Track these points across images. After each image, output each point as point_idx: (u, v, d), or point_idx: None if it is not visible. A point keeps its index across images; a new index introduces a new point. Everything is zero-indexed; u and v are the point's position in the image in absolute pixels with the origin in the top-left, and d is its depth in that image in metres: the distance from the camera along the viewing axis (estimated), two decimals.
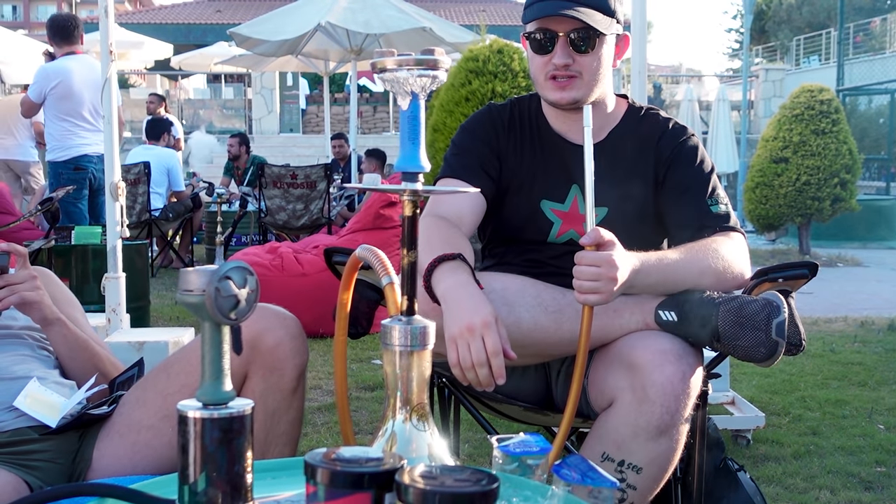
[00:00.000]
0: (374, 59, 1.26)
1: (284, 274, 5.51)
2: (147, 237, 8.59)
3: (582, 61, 2.00)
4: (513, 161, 2.14)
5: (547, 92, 2.05)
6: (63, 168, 6.47)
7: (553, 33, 1.99)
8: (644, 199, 2.10)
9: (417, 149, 1.25)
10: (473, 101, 6.15)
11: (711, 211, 2.03)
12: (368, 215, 5.56)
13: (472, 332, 1.67)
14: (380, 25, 9.74)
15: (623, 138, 2.13)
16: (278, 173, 8.51)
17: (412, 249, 1.26)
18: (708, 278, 1.89)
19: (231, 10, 30.30)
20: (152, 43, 15.89)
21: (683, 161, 2.09)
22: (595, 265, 1.71)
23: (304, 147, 18.63)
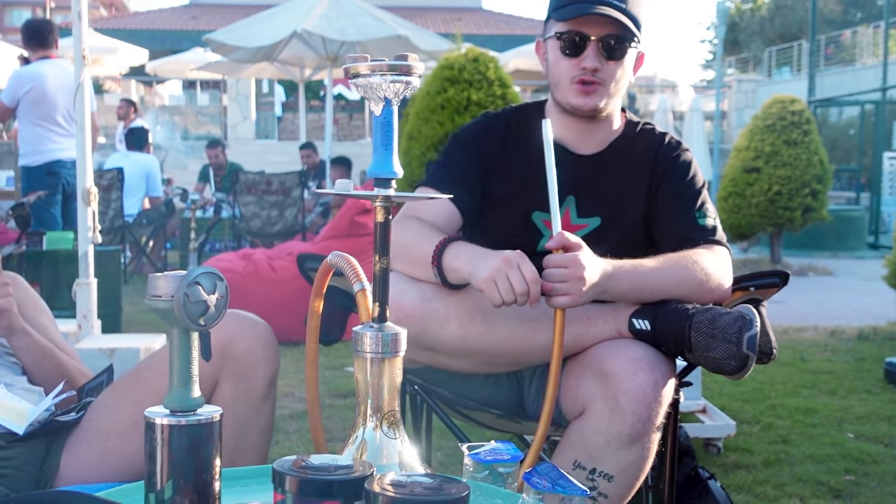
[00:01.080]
0: (348, 65, 1.25)
1: (258, 280, 5.48)
2: (120, 243, 8.52)
3: (609, 69, 2.01)
4: (504, 172, 2.12)
5: (570, 96, 2.04)
6: (36, 173, 6.41)
7: (586, 36, 1.99)
8: (637, 211, 2.10)
9: (390, 155, 1.25)
10: (449, 108, 6.16)
11: (698, 223, 2.03)
12: (343, 222, 5.55)
13: (509, 263, 1.71)
14: (356, 33, 9.74)
15: (620, 151, 2.13)
16: (253, 180, 8.48)
17: (384, 255, 1.25)
18: (684, 288, 1.89)
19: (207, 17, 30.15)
20: (127, 48, 15.81)
21: (676, 174, 2.10)
22: (562, 266, 1.72)
23: (280, 154, 18.58)
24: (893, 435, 3.87)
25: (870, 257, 11.65)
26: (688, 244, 1.98)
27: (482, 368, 1.99)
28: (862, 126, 16.01)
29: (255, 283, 5.45)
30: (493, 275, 1.71)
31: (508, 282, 1.70)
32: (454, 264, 1.81)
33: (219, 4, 32.26)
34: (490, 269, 1.72)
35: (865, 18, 32.04)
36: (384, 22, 10.07)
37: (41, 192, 5.73)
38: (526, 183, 2.11)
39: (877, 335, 6.22)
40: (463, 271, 1.79)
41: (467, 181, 2.09)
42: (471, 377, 2.04)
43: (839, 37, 27.67)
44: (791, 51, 28.47)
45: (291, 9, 10.48)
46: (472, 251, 1.81)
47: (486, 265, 1.73)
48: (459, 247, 1.84)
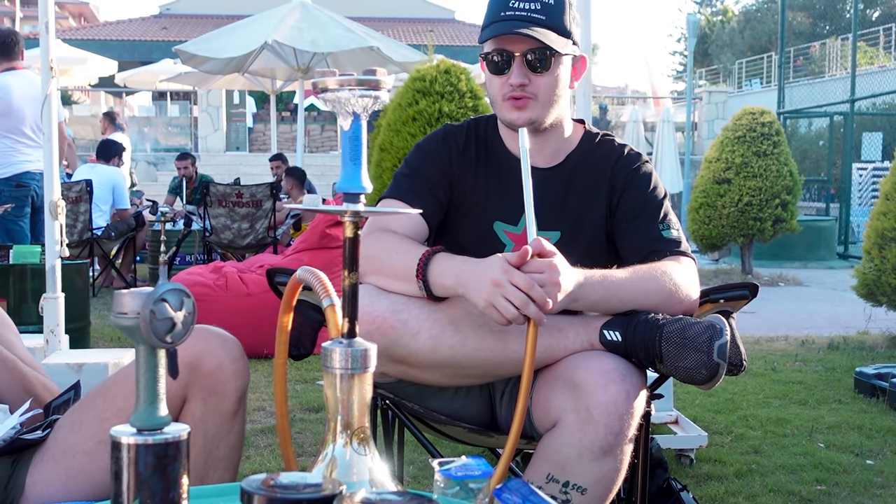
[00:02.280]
0: (316, 79, 1.25)
1: (229, 294, 5.45)
2: (88, 256, 8.45)
3: (538, 82, 2.01)
4: (466, 183, 2.13)
5: (504, 112, 2.05)
6: (4, 185, 6.35)
7: (509, 53, 2.00)
8: (597, 224, 2.11)
9: (359, 169, 1.24)
10: (420, 120, 6.16)
11: (663, 236, 2.04)
12: (314, 235, 5.53)
13: (500, 284, 1.71)
14: (327, 44, 9.73)
15: (578, 164, 2.14)
16: (223, 192, 8.44)
17: (353, 271, 1.25)
18: (654, 299, 1.90)
19: (177, 28, 30.08)
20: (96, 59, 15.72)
21: (637, 187, 2.10)
22: (538, 271, 1.73)
23: (251, 165, 18.52)
24: (863, 444, 3.90)
25: (839, 267, 11.77)
26: (654, 257, 1.99)
27: (453, 381, 1.98)
28: (831, 137, 16.18)
29: (225, 297, 5.42)
30: (489, 300, 1.72)
31: (506, 300, 1.70)
32: (443, 281, 1.82)
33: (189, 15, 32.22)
34: (485, 296, 1.72)
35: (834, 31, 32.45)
36: (355, 33, 10.07)
37: (7, 205, 5.67)
38: (487, 194, 2.12)
39: (846, 345, 6.28)
40: (455, 290, 1.81)
41: (432, 191, 2.11)
42: (442, 390, 2.04)
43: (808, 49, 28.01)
44: (761, 63, 28.77)
45: (262, 20, 10.45)
46: (458, 266, 1.82)
47: (480, 288, 1.73)
48: (444, 260, 1.85)
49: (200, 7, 32.54)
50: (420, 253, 1.87)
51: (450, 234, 2.13)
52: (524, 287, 1.70)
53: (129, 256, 9.29)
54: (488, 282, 1.73)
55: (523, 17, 1.97)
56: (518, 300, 1.70)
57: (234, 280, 5.53)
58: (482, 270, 1.75)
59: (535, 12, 1.97)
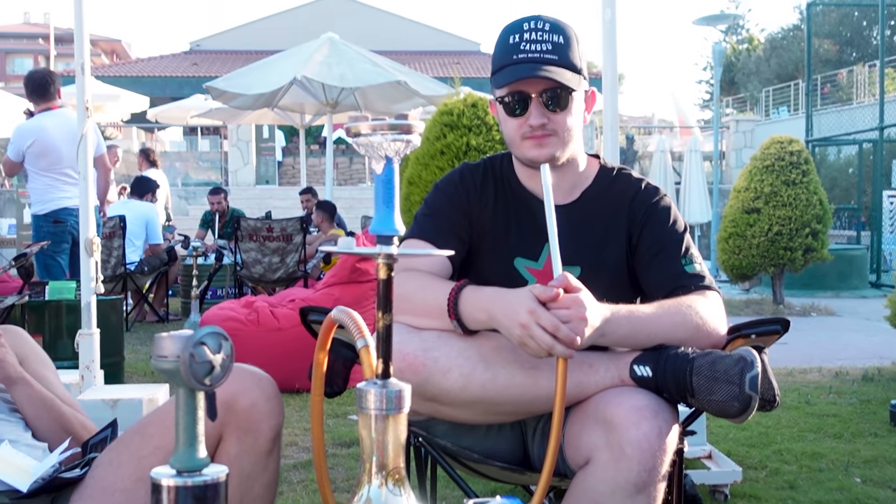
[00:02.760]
0: (349, 124, 1.27)
1: (260, 329, 5.48)
2: (122, 291, 8.54)
3: (556, 119, 2.03)
4: (485, 220, 2.16)
5: (525, 151, 2.07)
6: (43, 221, 6.49)
7: (526, 94, 2.02)
8: (617, 259, 2.12)
9: (392, 212, 1.26)
10: (448, 154, 6.21)
11: (686, 271, 2.05)
12: (344, 269, 5.56)
13: (527, 326, 1.73)
14: (355, 79, 9.82)
15: (596, 199, 2.16)
16: (254, 226, 8.51)
17: (387, 312, 1.26)
18: (681, 333, 1.90)
19: (207, 63, 30.46)
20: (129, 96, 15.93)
21: (656, 222, 2.11)
22: (564, 307, 1.74)
23: (281, 199, 18.65)
24: None
25: (872, 296, 11.64)
26: (678, 292, 1.99)
27: (485, 418, 1.99)
28: (860, 165, 16.07)
29: (257, 332, 5.45)
30: (520, 340, 1.75)
31: (535, 341, 1.73)
32: (477, 316, 1.85)
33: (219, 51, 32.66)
34: (516, 333, 1.76)
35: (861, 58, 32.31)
36: (383, 68, 10.16)
37: (44, 241, 5.76)
38: (506, 231, 2.14)
39: (881, 376, 6.20)
40: (489, 324, 1.83)
41: (454, 230, 2.13)
42: (474, 428, 2.05)
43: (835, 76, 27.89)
44: (788, 90, 28.68)
45: (291, 56, 10.57)
46: (489, 299, 1.83)
47: (511, 327, 1.76)
48: (473, 294, 1.87)
49: (230, 43, 33.00)
50: (448, 290, 1.89)
51: (472, 272, 2.15)
52: (551, 329, 1.71)
53: (161, 291, 9.37)
54: (517, 324, 1.75)
55: (536, 58, 1.99)
56: (544, 342, 1.71)
57: (265, 315, 5.56)
58: (511, 307, 1.77)
59: (548, 53, 1.99)
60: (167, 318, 9.23)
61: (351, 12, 32.10)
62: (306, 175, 14.49)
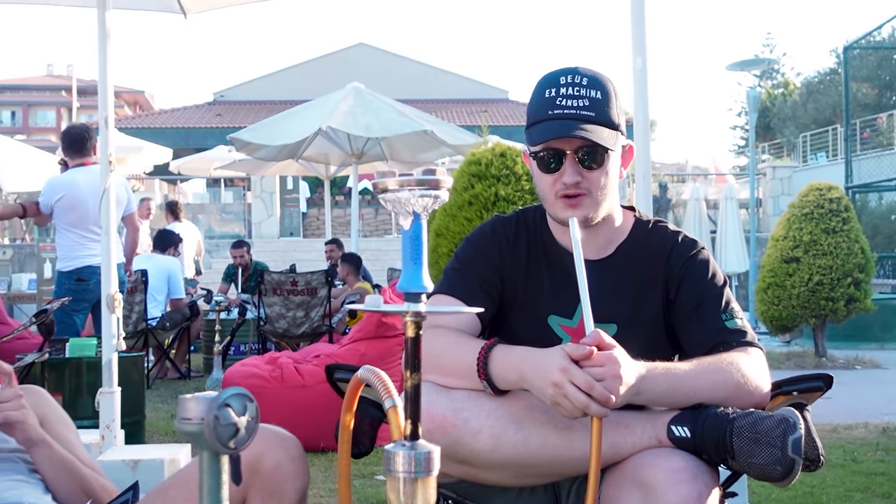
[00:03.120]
0: (375, 180, 1.29)
1: (284, 386, 5.48)
2: (143, 347, 8.59)
3: (591, 177, 2.03)
4: (518, 277, 2.16)
5: (557, 210, 2.07)
6: (66, 279, 6.56)
7: (561, 152, 2.03)
8: (654, 316, 2.11)
9: (420, 269, 1.27)
10: (476, 204, 6.23)
11: (727, 326, 2.03)
12: (370, 324, 5.57)
13: (560, 385, 1.73)
14: (381, 129, 9.91)
15: (631, 253, 2.15)
16: (278, 280, 8.55)
17: (416, 371, 1.26)
18: (722, 392, 1.88)
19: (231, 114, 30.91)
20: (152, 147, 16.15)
21: (695, 276, 2.10)
22: (598, 365, 1.73)
23: (306, 251, 18.75)
24: None
25: None
26: (719, 349, 1.98)
27: (517, 480, 1.97)
28: None
29: (281, 389, 5.46)
30: (552, 400, 1.75)
31: (569, 400, 1.72)
32: (507, 377, 1.85)
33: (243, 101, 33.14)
34: (548, 396, 1.76)
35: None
36: (408, 117, 10.25)
37: (65, 298, 5.82)
38: (539, 287, 2.14)
39: None
40: (520, 385, 1.83)
41: (484, 286, 2.13)
42: (506, 490, 2.03)
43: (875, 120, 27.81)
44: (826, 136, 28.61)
45: (316, 106, 10.70)
46: (520, 360, 1.83)
47: (542, 389, 1.76)
48: (504, 354, 1.87)
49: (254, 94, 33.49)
50: (477, 348, 1.89)
51: (504, 330, 2.15)
52: (584, 387, 1.71)
53: (183, 346, 9.41)
54: (549, 383, 1.74)
55: (572, 115, 1.99)
56: (579, 402, 1.71)
57: (289, 371, 5.57)
58: (543, 366, 1.77)
59: (584, 109, 2.00)
60: (189, 375, 9.26)
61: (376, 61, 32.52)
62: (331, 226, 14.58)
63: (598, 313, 1.98)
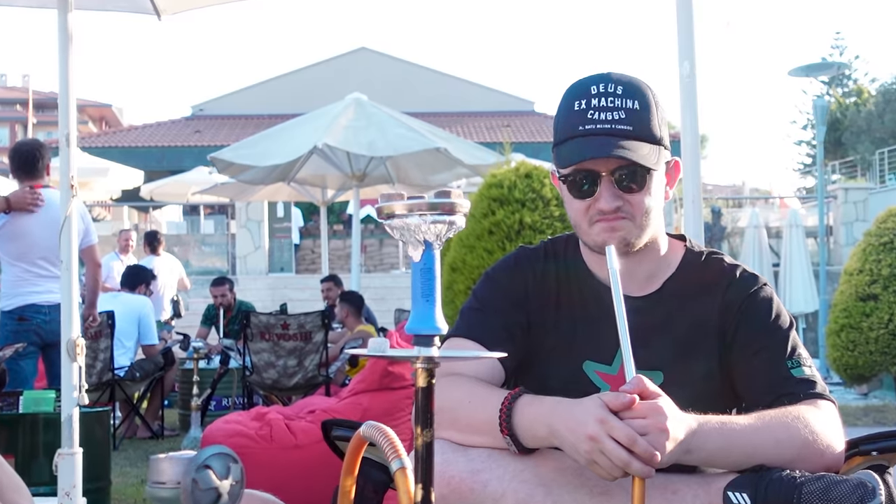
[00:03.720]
0: (381, 204, 1.30)
1: (274, 446, 5.47)
2: (109, 401, 8.58)
3: (632, 201, 2.03)
4: (547, 317, 2.15)
5: (593, 236, 2.06)
6: (7, 318, 6.49)
7: (595, 173, 2.02)
8: (708, 363, 2.10)
9: (433, 307, 1.27)
10: (498, 234, 6.25)
11: (793, 375, 2.02)
12: (374, 373, 5.56)
13: (597, 439, 1.72)
14: (386, 147, 9.93)
15: (681, 289, 2.15)
16: (266, 323, 8.55)
17: (427, 427, 1.27)
18: (787, 451, 1.88)
19: (212, 131, 31.10)
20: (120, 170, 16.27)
21: (756, 317, 2.09)
22: (641, 416, 1.73)
23: (299, 289, 18.78)
24: None
25: None
26: (784, 401, 1.97)
27: None
28: None
29: (270, 449, 5.44)
30: (587, 457, 1.75)
31: (607, 457, 1.72)
32: (535, 432, 1.84)
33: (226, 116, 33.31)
34: (582, 453, 1.75)
35: None
36: (419, 132, 10.27)
37: (19, 344, 5.82)
38: (572, 329, 2.13)
39: None
40: (550, 441, 1.83)
41: (508, 328, 2.13)
42: None
43: None
44: None
45: (311, 121, 10.73)
46: (549, 412, 1.83)
47: (575, 446, 1.76)
48: (531, 406, 1.87)
49: (239, 107, 33.63)
50: (500, 400, 1.89)
51: (531, 378, 2.14)
52: (626, 442, 1.70)
53: (156, 401, 9.41)
54: (584, 437, 1.74)
55: (607, 130, 1.99)
56: (619, 459, 1.70)
57: (280, 429, 5.56)
58: (577, 419, 1.77)
59: (620, 122, 1.99)
60: (162, 434, 9.25)
61: (380, 68, 32.64)
62: (328, 260, 14.61)
63: (641, 359, 1.98)
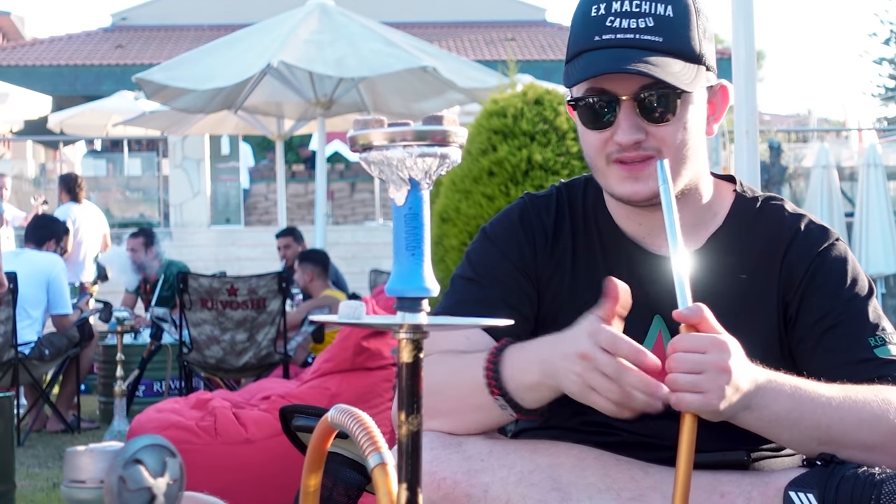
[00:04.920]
0: (354, 132, 1.28)
1: (219, 440, 5.49)
2: (12, 386, 8.58)
3: (659, 133, 2.01)
4: (562, 282, 2.15)
5: (612, 182, 2.06)
6: None
7: (612, 97, 2.00)
8: (766, 336, 2.10)
9: (420, 262, 1.26)
10: (501, 175, 6.23)
11: (877, 356, 2.02)
12: (345, 350, 5.56)
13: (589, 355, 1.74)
14: (359, 66, 9.87)
15: (731, 245, 2.14)
16: (209, 287, 8.54)
17: (414, 413, 1.26)
18: (869, 436, 1.90)
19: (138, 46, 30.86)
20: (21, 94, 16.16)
21: (826, 282, 2.09)
22: (698, 350, 1.75)
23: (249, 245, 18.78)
24: None
25: None
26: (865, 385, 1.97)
27: None
28: None
29: (214, 445, 5.46)
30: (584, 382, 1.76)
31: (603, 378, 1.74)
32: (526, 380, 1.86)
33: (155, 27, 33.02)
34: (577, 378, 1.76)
35: None
36: (400, 48, 10.20)
37: None
38: (595, 298, 2.11)
39: None
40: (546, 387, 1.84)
41: (510, 302, 2.13)
42: None
43: None
44: None
45: (263, 32, 10.65)
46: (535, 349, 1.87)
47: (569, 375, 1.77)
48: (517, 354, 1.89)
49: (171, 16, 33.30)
50: (485, 357, 1.90)
51: None
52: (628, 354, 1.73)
53: (70, 385, 9.39)
54: (575, 357, 1.76)
55: (629, 41, 1.97)
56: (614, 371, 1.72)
57: (226, 420, 5.58)
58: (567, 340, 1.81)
59: (647, 32, 1.97)
60: (79, 427, 9.25)
61: None
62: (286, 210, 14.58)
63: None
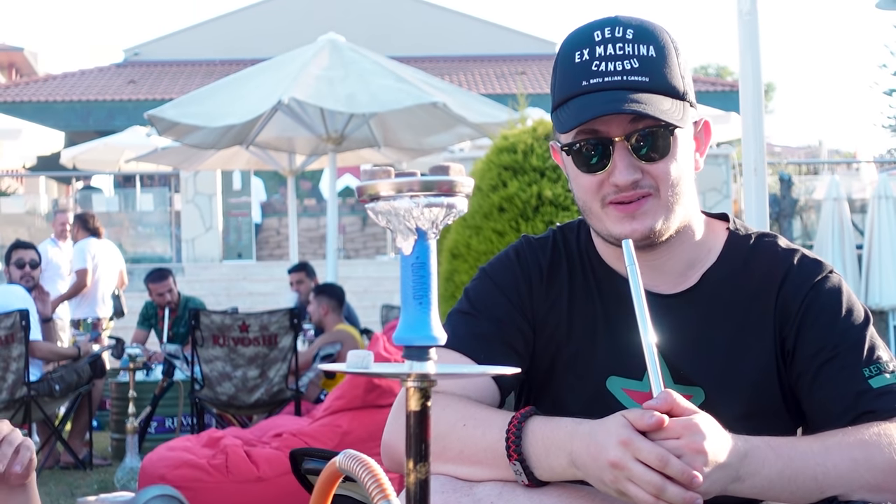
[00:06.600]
0: (362, 183, 1.29)
1: (230, 479, 5.49)
2: (23, 423, 8.57)
3: (655, 171, 2.02)
4: (559, 323, 2.15)
5: (609, 224, 2.05)
6: None
7: (606, 140, 2.00)
8: (762, 374, 2.10)
9: (427, 311, 1.27)
10: (511, 211, 6.23)
11: (872, 386, 2.02)
12: (356, 388, 5.57)
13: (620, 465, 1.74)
14: (370, 101, 9.85)
15: (725, 284, 2.14)
16: (221, 324, 8.53)
17: (422, 461, 1.27)
18: (867, 475, 1.90)
19: (150, 81, 30.95)
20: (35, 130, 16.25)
21: (822, 313, 2.09)
22: (673, 437, 1.74)
23: (261, 280, 18.75)
24: None
25: None
26: (863, 419, 1.97)
27: None
28: None
29: (225, 483, 5.46)
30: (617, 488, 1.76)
31: (637, 486, 1.73)
32: (551, 463, 1.86)
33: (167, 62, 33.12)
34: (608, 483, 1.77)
35: None
36: (411, 83, 10.19)
37: None
38: (592, 337, 2.12)
39: None
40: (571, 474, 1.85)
41: (506, 340, 2.13)
42: None
43: None
44: None
45: (274, 69, 10.65)
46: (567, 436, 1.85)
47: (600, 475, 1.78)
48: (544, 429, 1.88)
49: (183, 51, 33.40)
50: (505, 421, 1.90)
51: (544, 401, 2.15)
52: (656, 463, 1.72)
53: (81, 421, 9.38)
54: (606, 465, 1.75)
55: (618, 83, 1.97)
56: (650, 485, 1.72)
57: (237, 458, 5.58)
58: (598, 443, 1.79)
59: (633, 73, 1.98)
60: (90, 464, 9.25)
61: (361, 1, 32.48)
62: (298, 244, 14.57)
63: (676, 372, 1.99)
